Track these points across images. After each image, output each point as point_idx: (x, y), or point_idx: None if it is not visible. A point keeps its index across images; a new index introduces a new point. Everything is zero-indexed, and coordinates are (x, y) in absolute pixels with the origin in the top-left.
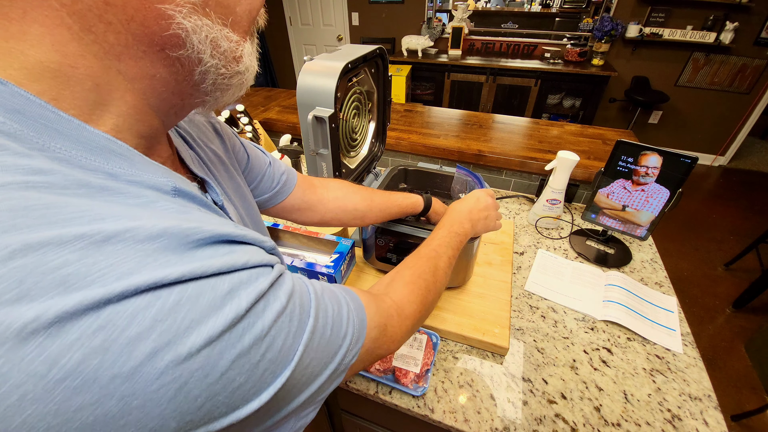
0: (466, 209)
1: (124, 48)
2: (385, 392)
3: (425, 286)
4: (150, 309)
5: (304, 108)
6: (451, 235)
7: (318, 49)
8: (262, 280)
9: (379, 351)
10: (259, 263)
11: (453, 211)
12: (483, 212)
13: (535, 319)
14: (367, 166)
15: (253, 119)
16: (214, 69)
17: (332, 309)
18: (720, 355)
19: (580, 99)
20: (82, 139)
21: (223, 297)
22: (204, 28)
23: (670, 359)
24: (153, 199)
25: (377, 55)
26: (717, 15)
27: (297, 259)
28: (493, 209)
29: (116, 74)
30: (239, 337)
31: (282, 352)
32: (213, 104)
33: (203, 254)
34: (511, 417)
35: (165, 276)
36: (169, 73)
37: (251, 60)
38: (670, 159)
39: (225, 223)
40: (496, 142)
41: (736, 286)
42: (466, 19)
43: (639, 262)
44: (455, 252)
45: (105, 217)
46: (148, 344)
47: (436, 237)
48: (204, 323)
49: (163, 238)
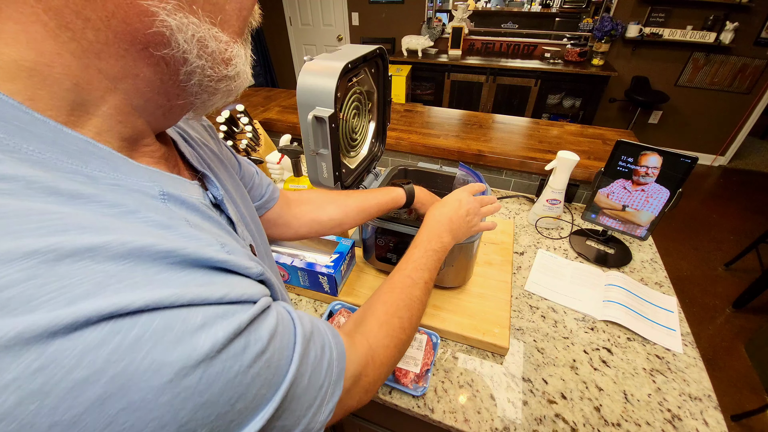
0: (446, 218)
1: (105, 46)
2: (385, 392)
3: (400, 326)
4: (104, 347)
5: (304, 108)
6: (427, 254)
7: (318, 49)
8: (240, 315)
9: (350, 402)
10: (238, 299)
11: (431, 221)
12: (465, 218)
13: (535, 319)
14: (367, 166)
15: (253, 119)
16: (200, 70)
17: (315, 354)
18: (720, 355)
19: (580, 99)
20: (59, 142)
21: (194, 332)
22: (190, 26)
23: (670, 359)
24: (133, 208)
25: (377, 55)
26: (717, 15)
27: (297, 259)
28: (476, 213)
29: (97, 73)
30: (209, 384)
31: (254, 401)
32: (201, 108)
33: (178, 280)
34: (511, 417)
35: (128, 303)
36: (153, 72)
37: (244, 66)
38: (670, 159)
39: (208, 245)
40: (496, 142)
41: (736, 286)
42: (466, 19)
43: (639, 262)
44: (433, 273)
45: (68, 230)
46: (96, 389)
47: (410, 259)
48: (168, 364)
49: (132, 258)
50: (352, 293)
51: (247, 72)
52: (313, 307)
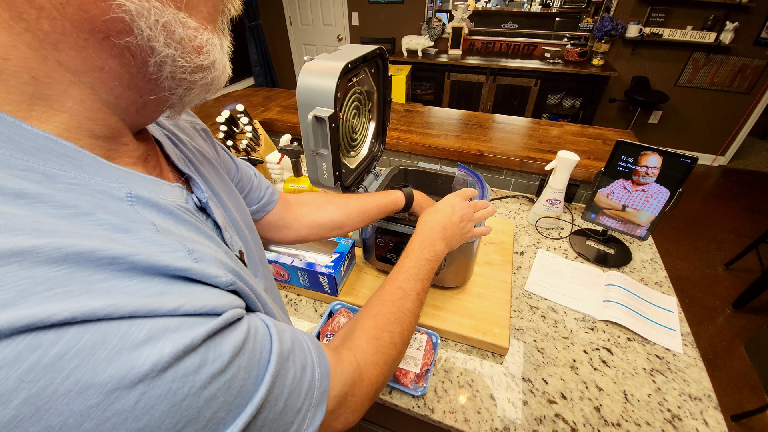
0: (439, 225)
1: (62, 36)
2: (384, 392)
3: (390, 341)
4: (18, 364)
5: (304, 108)
6: (420, 264)
7: (318, 49)
8: (196, 329)
9: (335, 425)
10: (197, 311)
11: (423, 228)
12: (458, 225)
13: (535, 319)
14: (367, 166)
15: (253, 119)
16: (170, 60)
17: (293, 375)
18: (720, 355)
19: (580, 99)
20: (14, 138)
21: (134, 348)
22: (152, 11)
23: (670, 359)
24: (87, 210)
25: (377, 55)
26: (717, 15)
27: (297, 259)
28: (470, 218)
29: (56, 66)
30: (148, 408)
31: (209, 427)
32: (179, 104)
33: (124, 289)
34: (511, 417)
35: (51, 314)
36: (119, 64)
37: (220, 55)
38: (670, 159)
39: (172, 251)
40: (496, 142)
41: (736, 286)
42: (466, 19)
43: (639, 262)
44: (426, 283)
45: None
46: (7, 412)
47: (402, 269)
48: (97, 385)
49: (69, 264)
50: (352, 293)
51: (225, 63)
52: (313, 307)
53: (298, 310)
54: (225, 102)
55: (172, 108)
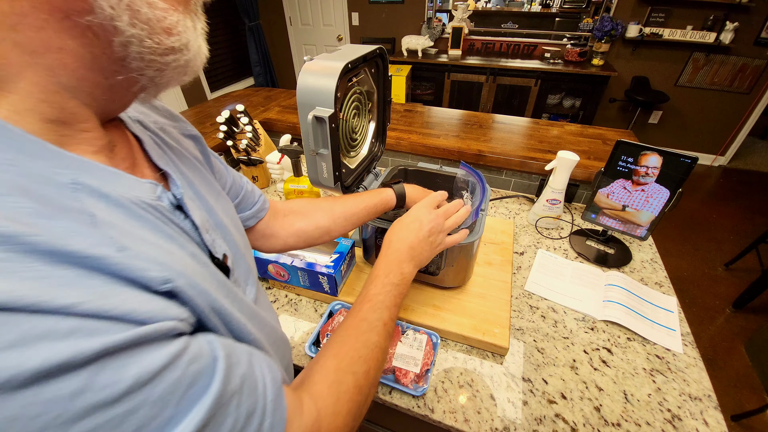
0: (406, 245)
1: (20, 17)
2: (385, 392)
3: (355, 385)
4: None
5: (304, 108)
6: (386, 289)
7: (318, 49)
8: (92, 341)
9: None
10: (103, 312)
11: (389, 250)
12: (427, 240)
13: (535, 319)
14: (367, 166)
15: (253, 119)
16: (137, 40)
17: (232, 421)
18: (720, 355)
19: (580, 99)
20: None
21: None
22: None
23: (670, 359)
24: (5, 192)
25: (377, 55)
26: (717, 15)
27: (297, 259)
28: (440, 230)
29: (12, 47)
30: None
31: None
32: (153, 87)
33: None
34: (511, 417)
35: None
36: (80, 45)
37: (194, 37)
38: (670, 159)
39: (90, 235)
40: (496, 142)
41: (736, 286)
42: (466, 19)
43: (639, 262)
44: (394, 310)
45: None
46: None
47: (366, 297)
48: None
49: None
50: (352, 293)
51: (200, 45)
52: (313, 307)
53: (298, 310)
54: (225, 102)
55: (146, 90)
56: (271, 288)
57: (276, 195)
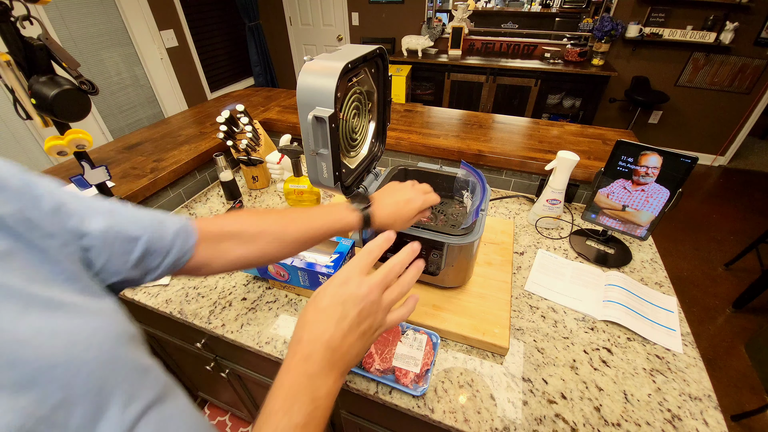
0: (322, 345)
1: None
2: (385, 392)
3: None
4: None
5: (304, 108)
6: (291, 426)
7: (318, 49)
8: None
9: None
10: None
11: (297, 355)
12: (357, 331)
13: (535, 319)
14: (367, 166)
15: (253, 119)
16: None
17: None
18: (720, 355)
19: (580, 99)
20: None
21: None
22: None
23: (670, 359)
24: None
25: (377, 55)
26: (717, 15)
27: (297, 259)
28: (377, 309)
29: None
30: None
31: None
32: None
33: None
34: (511, 417)
35: None
36: None
37: None
38: (670, 159)
39: None
40: (496, 142)
41: (736, 286)
42: (466, 19)
43: (639, 262)
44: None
45: None
46: None
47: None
48: None
49: None
50: None
51: None
52: None
53: (298, 310)
54: (225, 102)
55: None
56: (271, 288)
57: (276, 195)
